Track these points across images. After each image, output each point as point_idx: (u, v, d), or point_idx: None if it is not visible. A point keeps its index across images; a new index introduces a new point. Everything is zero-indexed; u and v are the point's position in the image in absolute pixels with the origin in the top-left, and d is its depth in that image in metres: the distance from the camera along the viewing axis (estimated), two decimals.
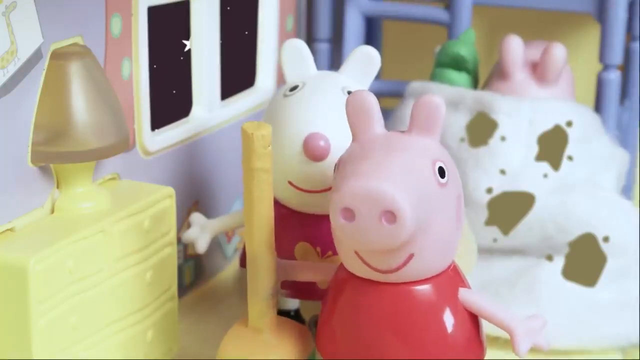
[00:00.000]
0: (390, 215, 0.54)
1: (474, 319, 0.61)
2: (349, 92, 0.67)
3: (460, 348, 0.60)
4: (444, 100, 0.78)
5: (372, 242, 0.55)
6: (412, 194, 0.55)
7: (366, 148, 0.58)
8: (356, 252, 0.58)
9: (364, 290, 0.59)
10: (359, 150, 0.58)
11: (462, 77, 0.82)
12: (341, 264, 0.61)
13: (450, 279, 0.60)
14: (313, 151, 0.65)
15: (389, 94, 0.91)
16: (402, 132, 0.59)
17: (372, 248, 0.56)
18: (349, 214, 0.55)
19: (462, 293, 0.60)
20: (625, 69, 0.90)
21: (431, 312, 0.59)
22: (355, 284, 0.60)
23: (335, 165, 0.59)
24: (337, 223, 0.56)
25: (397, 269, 0.57)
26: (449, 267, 0.60)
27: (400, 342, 0.59)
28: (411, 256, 0.57)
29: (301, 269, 0.64)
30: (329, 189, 0.66)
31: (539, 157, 0.77)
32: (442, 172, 0.57)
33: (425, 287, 0.59)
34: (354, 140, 0.59)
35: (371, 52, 0.69)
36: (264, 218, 0.61)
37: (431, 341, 0.59)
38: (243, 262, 0.71)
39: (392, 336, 0.59)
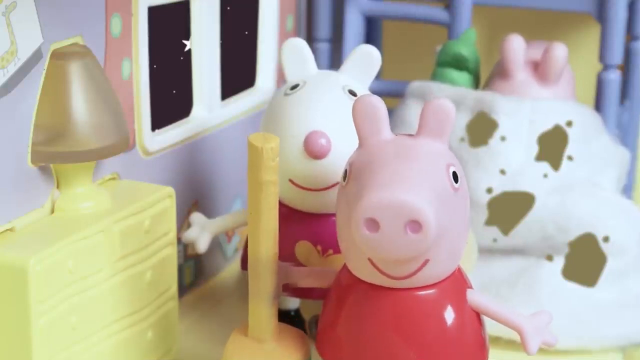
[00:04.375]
0: (416, 225, 0.54)
1: (478, 322, 0.61)
2: (350, 91, 0.67)
3: (465, 351, 0.59)
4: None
5: (396, 252, 0.55)
6: (433, 201, 0.55)
7: (380, 155, 0.57)
8: (370, 259, 0.57)
9: (369, 295, 0.59)
10: (372, 157, 0.57)
11: (463, 77, 0.82)
12: (343, 268, 0.61)
13: (456, 283, 0.60)
14: (314, 149, 0.65)
15: (389, 94, 0.91)
16: (410, 135, 0.59)
17: (396, 257, 0.55)
18: (373, 224, 0.55)
19: (470, 294, 0.60)
20: (625, 69, 0.90)
21: (437, 316, 0.59)
22: (360, 289, 0.59)
23: (346, 171, 0.59)
24: (359, 234, 0.55)
25: (411, 275, 0.57)
26: (454, 271, 0.60)
27: (406, 347, 0.58)
28: (426, 262, 0.57)
29: (302, 275, 0.64)
30: (330, 187, 0.66)
31: (539, 157, 0.77)
32: (455, 177, 0.57)
33: (431, 292, 0.58)
34: (361, 145, 0.59)
35: (371, 51, 0.69)
36: (271, 230, 0.61)
37: (437, 345, 0.58)
38: (244, 265, 0.71)
39: (398, 341, 0.58)
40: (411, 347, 0.58)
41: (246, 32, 0.85)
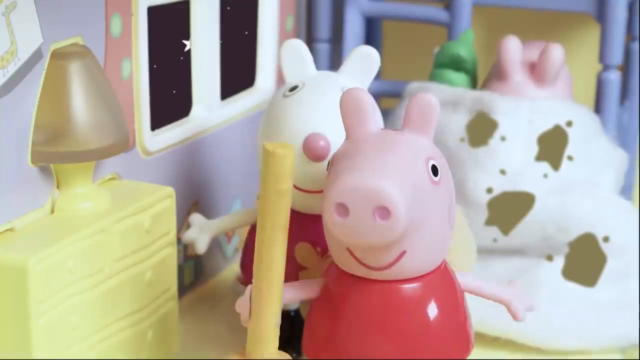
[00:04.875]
0: (384, 212, 0.55)
1: (462, 317, 0.61)
2: None
3: (447, 345, 0.60)
4: (443, 100, 0.79)
5: (365, 239, 0.56)
6: (405, 190, 0.55)
7: (359, 145, 0.58)
8: (348, 249, 0.58)
9: (353, 288, 0.59)
10: (352, 147, 0.58)
11: (460, 78, 0.82)
12: (330, 265, 0.62)
13: (441, 278, 0.60)
14: (313, 151, 0.65)
15: (389, 94, 0.91)
16: (396, 130, 0.59)
17: (365, 244, 0.56)
18: (343, 209, 0.55)
19: (461, 277, 0.61)
20: (625, 69, 0.90)
21: (419, 310, 0.59)
22: (344, 282, 0.60)
23: (329, 162, 0.60)
24: (331, 219, 0.56)
25: (389, 266, 0.58)
26: (440, 266, 0.60)
27: (388, 339, 0.59)
28: (403, 253, 0.57)
29: (290, 294, 0.63)
30: None
31: (539, 157, 0.77)
32: (435, 170, 0.58)
33: (414, 286, 0.59)
34: (347, 137, 0.60)
35: (371, 52, 0.69)
36: (284, 245, 0.58)
37: (417, 339, 0.59)
38: (246, 275, 0.71)
39: (379, 333, 0.59)
40: (392, 338, 0.59)
41: (246, 32, 0.85)
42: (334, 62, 0.95)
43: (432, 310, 0.59)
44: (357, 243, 0.56)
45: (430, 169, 0.57)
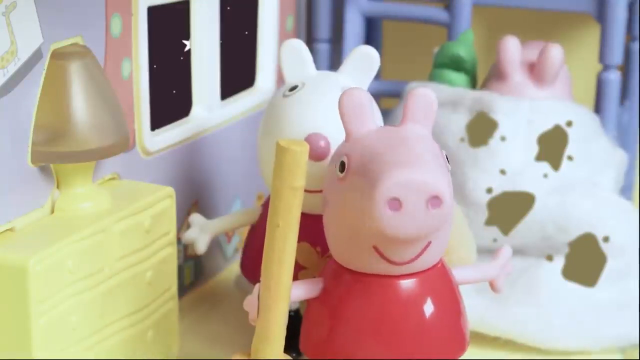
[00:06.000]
0: (436, 200, 0.56)
1: (458, 316, 0.61)
2: None
3: (441, 343, 0.60)
4: (443, 100, 0.79)
5: (418, 229, 0.56)
6: (445, 178, 0.57)
7: (381, 141, 0.58)
8: (375, 247, 0.58)
9: (350, 284, 0.60)
10: (373, 144, 0.58)
11: (460, 78, 0.82)
12: (327, 263, 0.62)
13: (438, 275, 0.61)
14: (313, 151, 0.65)
15: (389, 94, 0.91)
16: (395, 125, 0.60)
17: (417, 235, 0.57)
18: (396, 203, 0.56)
19: (454, 274, 0.62)
20: (625, 69, 0.90)
21: (416, 306, 0.60)
22: (342, 279, 0.60)
23: (342, 163, 0.59)
24: (383, 215, 0.56)
25: (415, 258, 0.58)
26: (437, 263, 0.61)
27: (383, 336, 0.59)
28: (429, 244, 0.58)
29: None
30: None
31: (539, 157, 0.77)
32: (448, 160, 0.59)
33: (412, 281, 0.60)
34: (348, 137, 0.60)
35: (370, 51, 0.69)
36: (295, 243, 0.58)
37: (413, 335, 0.59)
38: (248, 273, 0.71)
39: (376, 330, 0.59)
40: (389, 335, 0.59)
41: (246, 32, 0.85)
42: (334, 62, 0.95)
43: (429, 307, 0.60)
44: (407, 235, 0.57)
45: (445, 158, 0.59)
